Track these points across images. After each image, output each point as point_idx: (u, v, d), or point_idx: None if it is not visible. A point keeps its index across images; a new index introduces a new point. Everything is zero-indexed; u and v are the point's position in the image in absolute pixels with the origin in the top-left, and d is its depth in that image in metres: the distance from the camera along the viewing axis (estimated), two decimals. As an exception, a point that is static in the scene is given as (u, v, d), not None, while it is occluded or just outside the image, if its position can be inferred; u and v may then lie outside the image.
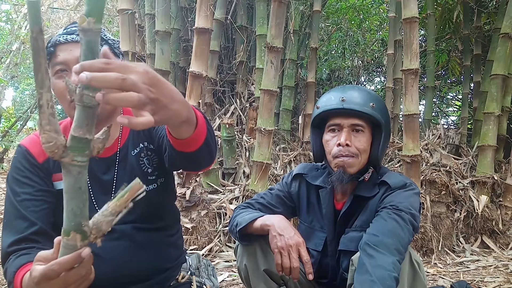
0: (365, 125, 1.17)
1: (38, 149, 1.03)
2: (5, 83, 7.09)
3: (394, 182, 1.17)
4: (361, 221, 1.20)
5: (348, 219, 1.23)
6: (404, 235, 1.05)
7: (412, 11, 2.67)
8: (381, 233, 1.04)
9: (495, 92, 3.25)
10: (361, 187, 1.22)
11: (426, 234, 2.75)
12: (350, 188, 1.24)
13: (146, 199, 1.06)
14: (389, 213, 1.09)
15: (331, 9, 5.55)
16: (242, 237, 1.22)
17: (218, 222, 2.76)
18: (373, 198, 1.20)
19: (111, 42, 1.04)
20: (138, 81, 0.55)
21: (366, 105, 1.15)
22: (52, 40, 0.99)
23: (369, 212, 1.19)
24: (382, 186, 1.19)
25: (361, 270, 0.99)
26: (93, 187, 1.05)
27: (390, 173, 1.23)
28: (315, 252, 1.28)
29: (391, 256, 0.98)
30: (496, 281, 2.29)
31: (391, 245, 1.01)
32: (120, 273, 1.03)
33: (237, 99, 3.98)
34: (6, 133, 6.99)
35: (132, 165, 1.07)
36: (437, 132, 3.92)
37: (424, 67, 4.54)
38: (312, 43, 4.08)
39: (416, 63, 2.67)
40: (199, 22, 2.71)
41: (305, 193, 1.32)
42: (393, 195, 1.14)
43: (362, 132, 1.17)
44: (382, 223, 1.07)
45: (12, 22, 7.04)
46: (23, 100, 10.96)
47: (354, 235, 1.18)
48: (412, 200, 1.13)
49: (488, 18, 4.57)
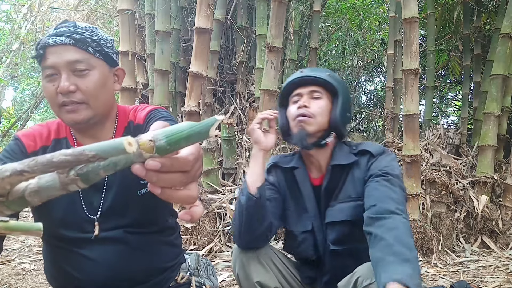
0: (323, 91, 1.26)
1: (30, 140, 1.03)
2: (5, 83, 7.09)
3: (374, 149, 1.25)
4: (348, 191, 1.24)
5: (331, 192, 1.26)
6: (398, 196, 1.12)
7: (412, 11, 2.67)
8: (378, 201, 1.10)
9: (495, 92, 3.25)
10: (336, 157, 1.27)
11: (426, 234, 2.75)
12: (324, 162, 1.29)
13: (138, 204, 1.06)
14: (378, 181, 1.15)
15: (331, 9, 5.55)
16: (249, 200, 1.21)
17: (218, 222, 2.76)
18: (357, 167, 1.25)
19: (103, 42, 1.01)
20: (199, 166, 0.48)
21: (321, 73, 1.27)
22: (42, 41, 0.96)
23: (356, 181, 1.23)
24: (364, 155, 1.25)
25: (373, 241, 1.03)
26: (83, 188, 1.03)
27: (364, 143, 1.32)
28: (307, 233, 1.29)
29: (395, 217, 1.05)
30: (496, 281, 2.29)
31: (390, 208, 1.07)
32: (117, 277, 1.02)
33: (237, 99, 3.98)
34: (6, 133, 6.99)
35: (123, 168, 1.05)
36: (437, 132, 3.92)
37: (424, 67, 4.53)
38: (312, 43, 4.08)
39: (416, 63, 2.67)
40: (199, 22, 2.71)
41: (283, 180, 1.36)
42: (378, 161, 1.22)
43: (320, 99, 1.26)
44: (375, 192, 1.13)
45: (12, 22, 7.04)
46: (23, 100, 10.95)
47: (344, 206, 1.23)
48: (395, 164, 1.22)
49: (488, 18, 4.56)
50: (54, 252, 1.07)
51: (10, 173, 0.42)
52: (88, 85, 0.96)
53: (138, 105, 1.15)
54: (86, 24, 1.01)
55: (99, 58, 0.99)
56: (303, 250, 1.30)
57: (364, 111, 6.92)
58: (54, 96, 0.96)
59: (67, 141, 1.07)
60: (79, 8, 5.98)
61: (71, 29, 0.97)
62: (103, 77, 1.00)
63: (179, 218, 0.47)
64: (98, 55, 0.99)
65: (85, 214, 1.03)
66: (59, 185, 0.44)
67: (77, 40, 0.95)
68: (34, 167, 0.41)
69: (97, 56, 0.99)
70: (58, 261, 1.06)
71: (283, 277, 1.29)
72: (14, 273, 2.31)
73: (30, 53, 7.59)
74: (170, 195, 0.45)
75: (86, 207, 1.03)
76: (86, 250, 1.02)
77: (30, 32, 6.85)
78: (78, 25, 0.99)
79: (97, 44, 0.99)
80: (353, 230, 1.20)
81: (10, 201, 0.45)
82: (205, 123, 0.41)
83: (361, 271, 1.07)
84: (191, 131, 0.40)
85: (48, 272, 1.13)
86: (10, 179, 0.42)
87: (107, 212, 1.03)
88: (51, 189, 0.44)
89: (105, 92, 1.01)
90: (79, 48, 0.96)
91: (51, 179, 0.44)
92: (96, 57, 0.99)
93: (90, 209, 1.03)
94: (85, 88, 0.96)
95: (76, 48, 0.95)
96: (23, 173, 0.42)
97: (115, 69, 1.06)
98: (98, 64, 0.99)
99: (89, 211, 1.03)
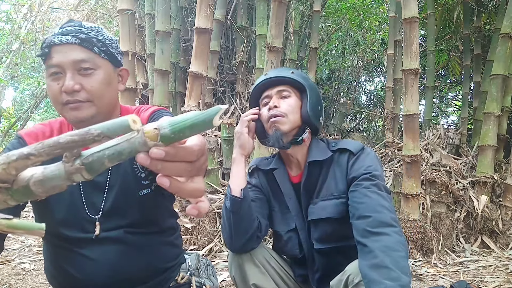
0: (290, 90, 1.28)
1: (32, 139, 1.04)
2: (5, 83, 7.09)
3: (354, 147, 1.25)
4: (330, 189, 1.24)
5: (311, 189, 1.27)
6: (388, 203, 1.12)
7: (412, 11, 2.67)
8: (373, 211, 1.09)
9: (495, 92, 3.25)
10: (312, 153, 1.28)
11: (426, 234, 2.75)
12: (302, 158, 1.30)
13: (139, 205, 1.06)
14: (367, 186, 1.14)
15: (331, 9, 5.55)
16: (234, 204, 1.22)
17: (218, 222, 2.76)
18: (336, 165, 1.25)
19: (108, 42, 1.01)
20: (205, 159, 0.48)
21: (285, 73, 1.29)
22: (47, 40, 0.96)
23: (338, 178, 1.24)
24: (343, 153, 1.26)
25: (368, 255, 1.01)
26: (85, 187, 1.04)
27: (344, 140, 1.34)
28: (291, 232, 1.30)
29: (393, 234, 1.03)
30: (496, 281, 2.29)
31: (386, 219, 1.06)
32: (117, 277, 1.02)
33: (237, 99, 3.98)
34: (6, 133, 7.00)
35: (125, 169, 1.05)
36: (437, 132, 3.92)
37: (424, 67, 4.53)
38: (312, 43, 4.07)
39: (416, 63, 2.67)
40: (199, 22, 2.71)
41: (265, 182, 1.37)
42: (360, 160, 1.22)
43: (289, 98, 1.28)
44: (367, 200, 1.12)
45: (12, 22, 7.04)
46: (23, 100, 10.95)
47: (326, 204, 1.23)
48: (377, 161, 1.22)
49: (488, 18, 4.57)
50: (55, 251, 1.07)
51: (16, 157, 0.42)
52: (93, 84, 0.96)
53: (141, 105, 1.15)
54: (91, 24, 1.02)
55: (104, 58, 1.00)
56: (290, 249, 1.31)
57: (364, 111, 6.93)
58: (58, 94, 0.96)
59: None
60: (79, 8, 5.98)
61: (77, 28, 0.97)
62: (108, 77, 1.00)
63: (186, 212, 0.47)
64: (103, 55, 0.99)
65: (86, 214, 1.03)
66: (64, 174, 0.43)
67: (83, 40, 0.96)
68: (40, 150, 0.41)
69: (102, 56, 0.99)
70: (58, 261, 1.07)
71: (279, 277, 1.30)
72: (14, 273, 2.31)
73: (30, 53, 7.60)
74: (178, 187, 0.45)
75: (88, 207, 1.03)
76: (87, 250, 1.02)
77: (30, 32, 6.85)
78: (84, 24, 1.00)
79: (103, 44, 0.99)
80: (337, 227, 1.21)
81: (14, 190, 0.45)
82: (209, 112, 0.41)
83: (351, 269, 1.08)
84: (195, 119, 0.41)
85: (48, 272, 1.13)
86: (16, 163, 0.42)
87: (109, 212, 1.03)
88: (56, 178, 0.44)
89: (110, 91, 1.01)
90: (84, 47, 0.96)
91: (56, 169, 0.44)
92: (101, 57, 0.99)
93: (92, 209, 1.03)
94: (90, 87, 0.96)
95: (82, 47, 0.96)
96: (30, 156, 0.42)
97: (119, 70, 1.07)
98: (103, 64, 0.99)
99: (90, 211, 1.03)
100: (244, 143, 1.28)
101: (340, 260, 1.15)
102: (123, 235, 1.04)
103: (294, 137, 1.27)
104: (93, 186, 1.04)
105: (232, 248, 1.25)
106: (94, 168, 0.43)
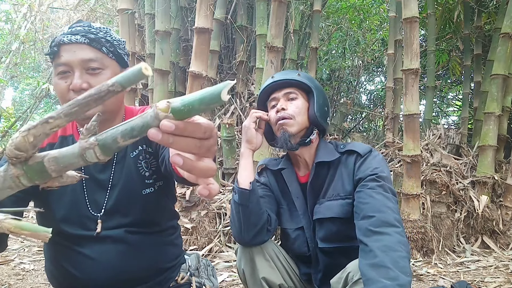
0: (297, 92, 1.30)
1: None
2: (5, 83, 7.09)
3: (361, 149, 1.26)
4: (337, 189, 1.25)
5: (318, 189, 1.28)
6: (393, 204, 1.12)
7: (413, 11, 2.66)
8: (377, 211, 1.09)
9: (496, 92, 3.25)
10: (320, 154, 1.29)
11: (427, 234, 2.74)
12: (310, 159, 1.31)
13: (141, 203, 1.06)
14: (373, 187, 1.15)
15: (331, 8, 5.54)
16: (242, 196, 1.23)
17: (218, 222, 2.75)
18: (344, 166, 1.26)
19: (116, 43, 1.03)
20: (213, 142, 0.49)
21: (292, 75, 1.30)
22: (57, 39, 0.98)
23: (344, 179, 1.24)
24: (351, 154, 1.27)
25: (368, 254, 1.02)
26: (88, 185, 1.04)
27: (352, 143, 1.34)
28: (299, 230, 1.32)
29: (394, 234, 1.03)
30: (496, 281, 2.28)
31: (389, 219, 1.07)
32: (117, 277, 1.03)
33: (237, 99, 3.98)
34: (6, 133, 6.99)
35: (129, 167, 1.06)
36: (438, 132, 3.91)
37: (424, 67, 4.53)
38: (312, 43, 4.07)
39: (416, 63, 2.67)
40: (199, 22, 2.70)
41: (274, 181, 1.40)
42: (367, 161, 1.23)
43: (296, 99, 1.29)
44: (371, 201, 1.13)
45: (12, 22, 7.03)
46: (22, 100, 10.95)
47: (332, 204, 1.24)
48: (384, 164, 1.23)
49: (488, 18, 4.56)
50: (55, 249, 1.08)
51: (36, 123, 0.43)
52: (100, 83, 0.97)
53: (145, 106, 1.18)
54: (100, 25, 1.04)
55: (112, 58, 1.02)
56: (298, 247, 1.32)
57: (365, 111, 6.92)
58: (66, 93, 0.97)
59: (73, 138, 1.08)
60: (79, 8, 5.98)
61: (86, 28, 0.99)
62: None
63: (197, 192, 0.47)
64: (111, 55, 1.01)
65: (88, 212, 1.03)
66: (78, 151, 0.45)
67: (92, 40, 0.98)
68: (59, 111, 0.43)
69: (110, 56, 1.01)
70: (58, 260, 1.07)
71: (287, 274, 1.31)
72: (14, 273, 2.30)
73: (29, 53, 7.59)
74: (191, 165, 0.46)
75: (90, 205, 1.04)
76: (87, 249, 1.02)
77: (29, 32, 6.84)
78: (93, 25, 1.02)
79: (111, 44, 1.01)
80: (341, 227, 1.21)
81: (29, 166, 0.46)
82: (217, 87, 0.43)
83: (351, 267, 1.09)
84: (204, 93, 0.43)
85: (48, 271, 1.13)
86: (36, 129, 0.43)
87: (111, 210, 1.04)
88: (70, 156, 0.45)
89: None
90: (93, 47, 0.98)
91: (72, 147, 0.45)
92: (109, 57, 1.01)
93: (94, 207, 1.04)
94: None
95: (91, 47, 0.98)
96: (49, 120, 0.43)
97: (125, 70, 1.07)
98: (110, 64, 1.01)
99: (92, 209, 1.04)
100: (251, 138, 1.29)
101: (343, 261, 1.15)
102: (123, 234, 1.04)
103: (302, 139, 1.28)
104: (96, 183, 1.05)
105: (242, 241, 1.25)
106: (107, 144, 0.44)
